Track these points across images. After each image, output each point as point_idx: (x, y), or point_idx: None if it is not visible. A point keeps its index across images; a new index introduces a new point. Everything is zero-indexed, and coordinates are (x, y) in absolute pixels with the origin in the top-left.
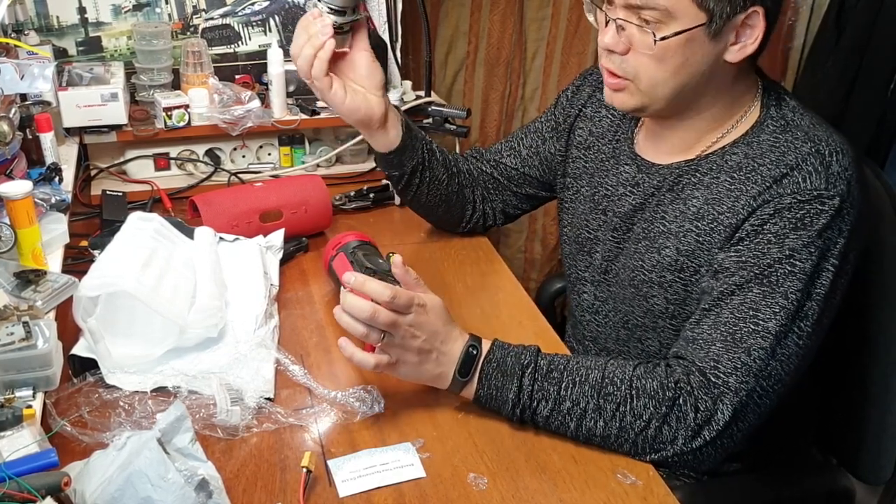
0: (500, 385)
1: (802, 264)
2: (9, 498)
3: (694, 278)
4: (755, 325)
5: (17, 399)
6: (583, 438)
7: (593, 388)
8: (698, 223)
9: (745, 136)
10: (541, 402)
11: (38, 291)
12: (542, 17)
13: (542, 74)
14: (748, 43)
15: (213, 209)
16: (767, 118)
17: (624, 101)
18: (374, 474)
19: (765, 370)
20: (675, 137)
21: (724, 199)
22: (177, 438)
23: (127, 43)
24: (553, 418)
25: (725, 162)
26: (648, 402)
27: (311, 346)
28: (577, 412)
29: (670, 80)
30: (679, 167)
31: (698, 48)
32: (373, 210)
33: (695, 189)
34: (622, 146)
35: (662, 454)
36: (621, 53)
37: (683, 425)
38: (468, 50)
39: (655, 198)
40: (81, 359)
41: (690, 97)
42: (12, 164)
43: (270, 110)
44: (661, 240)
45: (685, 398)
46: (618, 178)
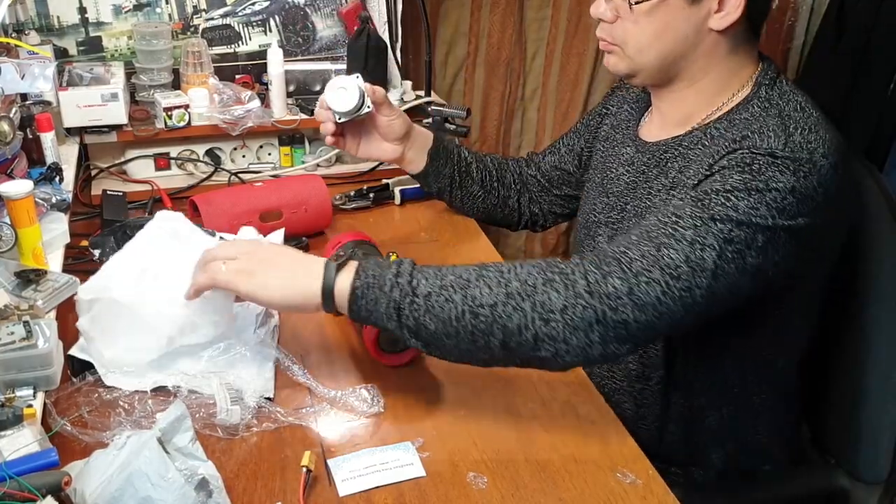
0: (378, 273)
1: (737, 201)
2: (9, 497)
3: None
4: (673, 229)
5: (17, 398)
6: (469, 313)
7: (474, 266)
8: (673, 191)
9: (729, 113)
10: (421, 281)
11: (38, 291)
12: (542, 17)
13: (543, 74)
14: (730, 10)
15: (214, 209)
16: (754, 98)
17: (615, 63)
18: (374, 473)
19: (674, 269)
20: (672, 112)
21: (693, 165)
22: (177, 438)
23: (127, 43)
24: (435, 295)
25: (706, 135)
26: (532, 269)
27: (311, 345)
28: (461, 282)
29: (654, 45)
30: (666, 143)
31: (676, 13)
32: (373, 210)
33: (676, 162)
34: (628, 131)
35: (554, 326)
36: (610, 22)
37: (575, 291)
38: (468, 50)
39: (644, 174)
40: (81, 359)
41: (679, 64)
42: (13, 164)
43: (270, 110)
44: (647, 213)
45: (573, 268)
46: (618, 160)
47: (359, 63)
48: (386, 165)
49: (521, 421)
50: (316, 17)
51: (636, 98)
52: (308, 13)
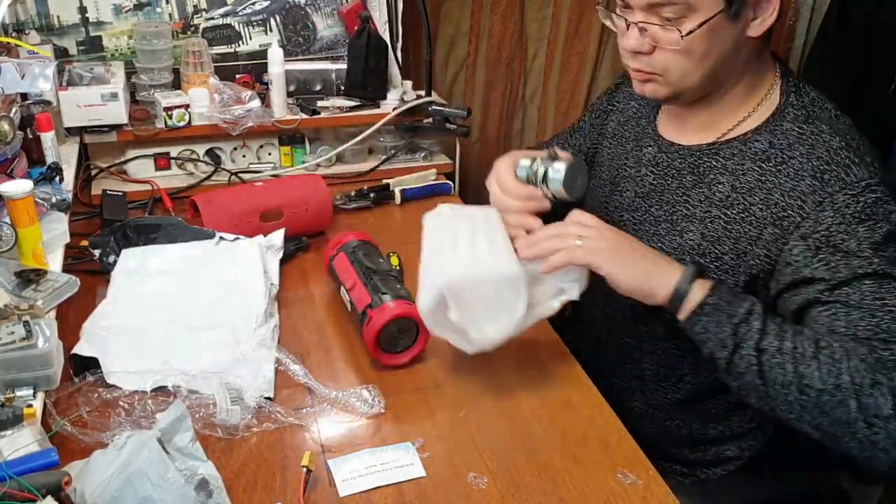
0: (730, 299)
1: (889, 251)
2: (9, 497)
3: (715, 265)
4: (889, 312)
5: (17, 398)
6: (795, 387)
7: (810, 340)
8: (727, 210)
9: (767, 124)
10: (767, 334)
11: (38, 291)
12: (542, 17)
13: (543, 74)
14: (766, 15)
15: (214, 209)
16: (788, 105)
17: (655, 90)
18: (374, 474)
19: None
20: (698, 119)
21: (756, 189)
22: (177, 438)
23: (127, 42)
24: (769, 355)
25: (749, 148)
26: (860, 365)
27: (311, 345)
28: (797, 355)
29: (699, 69)
30: (700, 149)
31: (722, 32)
32: (373, 210)
33: (719, 174)
34: (646, 129)
35: (876, 432)
36: (647, 53)
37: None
38: (469, 50)
39: (676, 180)
40: (82, 358)
41: (719, 77)
42: (13, 164)
43: (271, 110)
44: (684, 223)
45: (891, 373)
46: (638, 159)
47: (359, 63)
48: (386, 165)
49: (521, 421)
50: (316, 16)
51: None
52: (308, 13)
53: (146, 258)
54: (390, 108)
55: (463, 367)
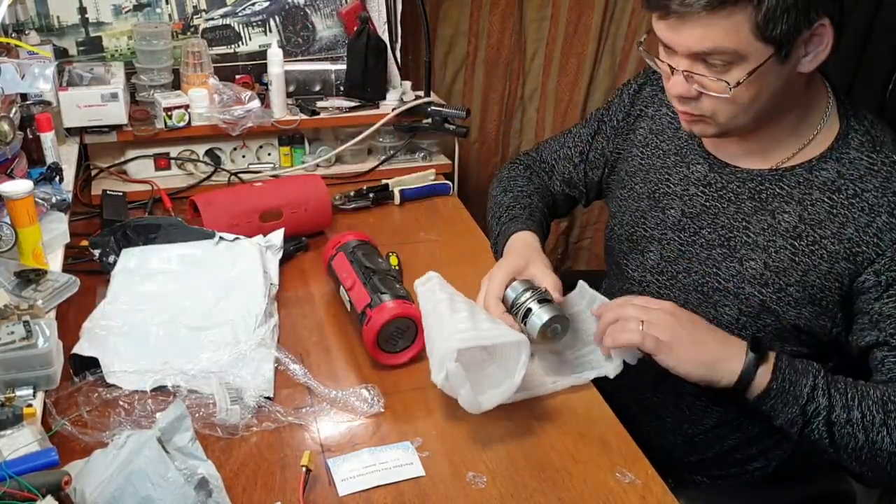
0: (794, 379)
1: None
2: (9, 496)
3: (777, 295)
4: None
5: (17, 398)
6: (867, 451)
7: (877, 404)
8: (794, 241)
9: (832, 151)
10: (832, 410)
11: (38, 291)
12: (541, 17)
13: (542, 75)
14: (819, 51)
15: (214, 209)
16: (850, 130)
17: (704, 130)
18: (374, 473)
19: None
20: (751, 144)
21: (826, 222)
22: (177, 437)
23: (127, 43)
24: (841, 426)
25: (815, 178)
26: None
27: (310, 345)
28: (866, 424)
29: (749, 110)
30: (761, 175)
31: (772, 76)
32: (372, 210)
33: (784, 203)
34: (690, 143)
35: None
36: (694, 98)
37: None
38: (468, 50)
39: (734, 204)
40: (82, 358)
41: (772, 113)
42: (13, 164)
43: (270, 110)
44: (745, 250)
45: None
46: (686, 177)
47: (359, 63)
48: (385, 165)
49: (521, 420)
50: (316, 17)
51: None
52: (308, 13)
53: (146, 258)
54: (389, 109)
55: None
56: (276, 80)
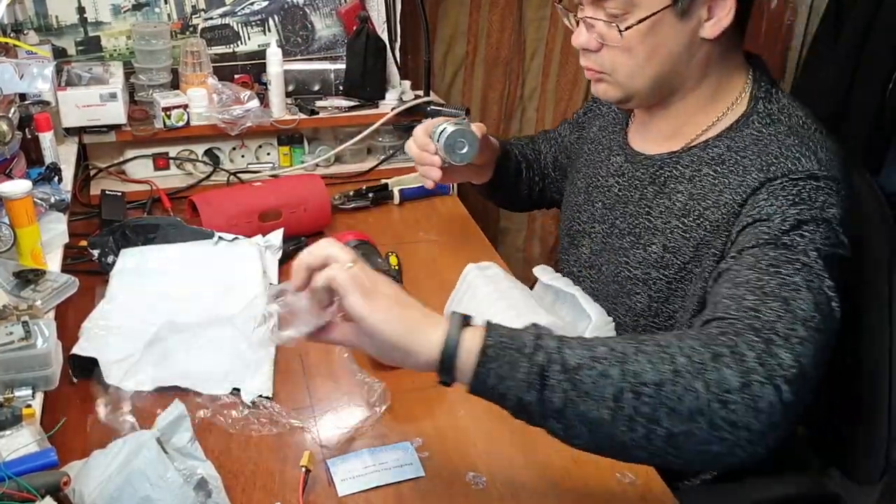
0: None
1: (812, 235)
2: (8, 497)
3: (679, 276)
4: (781, 279)
5: (16, 398)
6: (629, 391)
7: (625, 338)
8: (684, 219)
9: (729, 130)
10: (565, 350)
11: (37, 291)
12: (540, 17)
13: (541, 74)
14: (722, 16)
15: (213, 209)
16: (754, 112)
17: (606, 91)
18: (373, 473)
19: (809, 317)
20: (662, 125)
21: (709, 193)
22: (176, 438)
23: (126, 43)
24: (587, 367)
25: (706, 154)
26: (693, 343)
27: (310, 345)
28: (617, 355)
29: (646, 68)
30: (661, 159)
31: (668, 30)
32: (372, 209)
33: (678, 183)
34: (617, 137)
35: (733, 408)
36: (595, 50)
37: (747, 367)
38: (467, 50)
39: (639, 191)
40: (81, 358)
41: (673, 81)
42: (11, 164)
43: (269, 110)
44: (647, 236)
45: (732, 339)
46: (608, 169)
47: (358, 63)
48: (385, 165)
49: (520, 420)
50: (315, 16)
51: None
52: (307, 13)
53: (145, 258)
54: (389, 108)
55: None
56: (275, 80)
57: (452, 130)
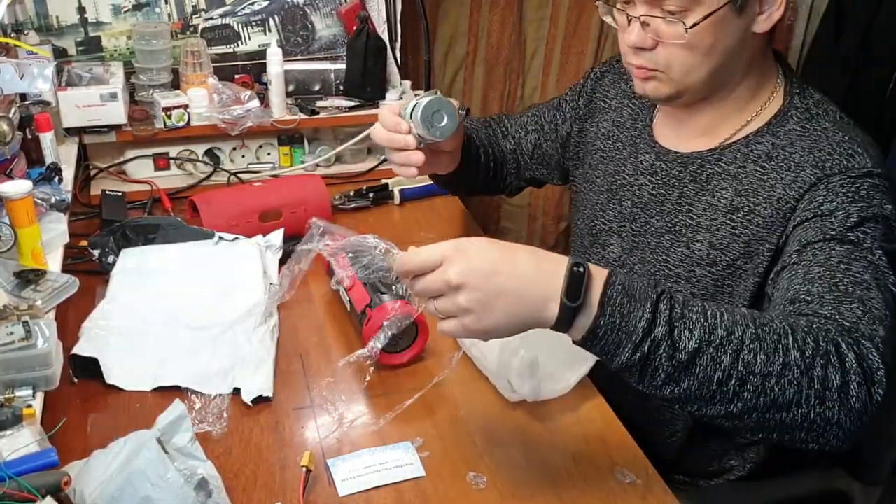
0: (626, 311)
1: (874, 232)
2: (9, 497)
3: (726, 273)
4: (853, 277)
5: (17, 398)
6: (736, 379)
7: (746, 318)
8: (732, 216)
9: (769, 126)
10: (683, 332)
11: (37, 291)
12: (541, 16)
13: (542, 74)
14: (773, 10)
15: (213, 209)
16: (791, 107)
17: (657, 88)
18: (374, 473)
19: (885, 318)
20: (699, 122)
21: (758, 189)
22: (176, 438)
23: (126, 43)
24: (701, 351)
25: (751, 151)
26: (807, 337)
27: (310, 345)
28: (734, 343)
29: (704, 64)
30: (700, 156)
31: (727, 26)
32: (372, 209)
33: (721, 180)
34: (641, 134)
35: (829, 406)
36: (650, 49)
37: (845, 367)
38: (467, 50)
39: (677, 189)
40: (82, 358)
41: (724, 76)
42: (12, 164)
43: (270, 110)
44: (690, 233)
45: (836, 339)
46: (636, 167)
47: (358, 63)
48: (385, 165)
49: (521, 421)
50: (315, 16)
51: (635, 92)
52: (307, 13)
53: (145, 258)
54: None
55: (462, 367)
56: (275, 80)
57: (428, 100)
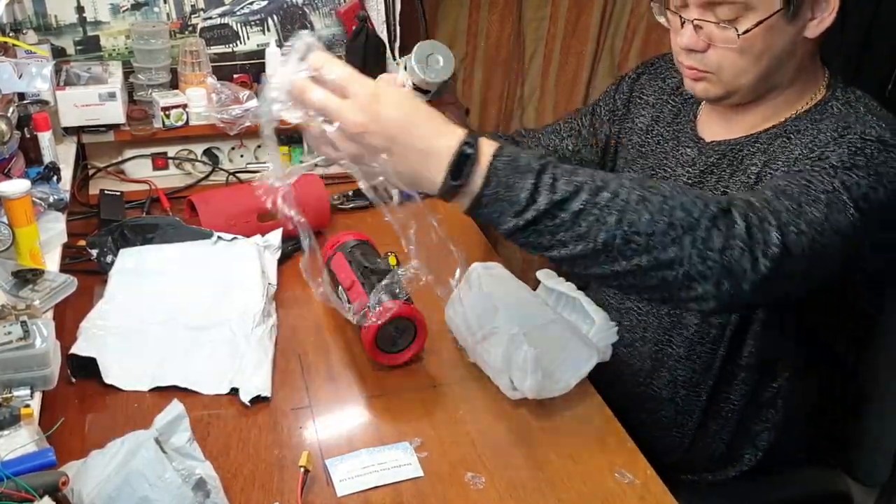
0: (511, 182)
1: (858, 179)
2: (6, 497)
3: None
4: (807, 188)
5: (14, 398)
6: (620, 238)
7: (633, 182)
8: (758, 186)
9: (808, 113)
10: (568, 197)
11: (35, 291)
12: (540, 16)
13: (541, 74)
14: (825, 16)
15: (211, 209)
16: (832, 99)
17: (707, 89)
18: (372, 473)
19: (818, 225)
20: (744, 119)
21: (780, 157)
22: (174, 438)
23: (125, 42)
24: (586, 213)
25: (785, 131)
26: (697, 201)
27: (308, 345)
28: (619, 204)
29: (754, 68)
30: (738, 142)
31: (779, 32)
32: (371, 209)
33: (753, 157)
34: (684, 129)
35: (710, 267)
36: (702, 51)
37: (734, 233)
38: (467, 49)
39: (714, 175)
40: (80, 358)
41: (774, 78)
42: (10, 163)
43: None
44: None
45: (731, 209)
46: (677, 160)
47: (357, 63)
48: None
49: (519, 420)
50: (314, 16)
51: (675, 89)
52: (306, 13)
53: (144, 258)
54: None
55: (460, 367)
56: None
57: (421, 42)
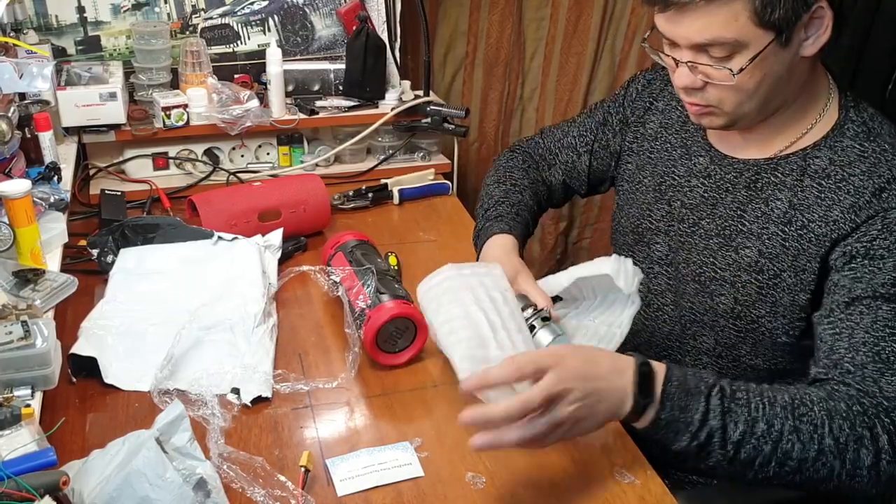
0: (683, 405)
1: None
2: (7, 497)
3: (772, 282)
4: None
5: (15, 398)
6: (775, 462)
7: (786, 410)
8: (785, 227)
9: (826, 140)
10: (730, 424)
11: (36, 290)
12: (540, 17)
13: (541, 74)
14: (820, 34)
15: (212, 208)
16: (847, 121)
17: (712, 121)
18: (373, 473)
19: None
20: (753, 135)
21: (815, 206)
22: (175, 438)
23: (126, 42)
24: (745, 442)
25: (808, 165)
26: (843, 424)
27: (309, 345)
28: (774, 434)
29: (755, 97)
30: (757, 164)
31: (774, 62)
32: (371, 209)
33: (776, 190)
34: (694, 136)
35: (858, 480)
36: (700, 89)
37: (877, 447)
38: (467, 50)
39: (731, 194)
40: (81, 358)
41: (777, 101)
42: (11, 163)
43: (269, 110)
44: (740, 239)
45: (871, 420)
46: (689, 169)
47: (357, 63)
48: (384, 165)
49: None
50: (315, 16)
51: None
52: (307, 13)
53: (144, 258)
54: (388, 108)
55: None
56: (274, 80)
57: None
